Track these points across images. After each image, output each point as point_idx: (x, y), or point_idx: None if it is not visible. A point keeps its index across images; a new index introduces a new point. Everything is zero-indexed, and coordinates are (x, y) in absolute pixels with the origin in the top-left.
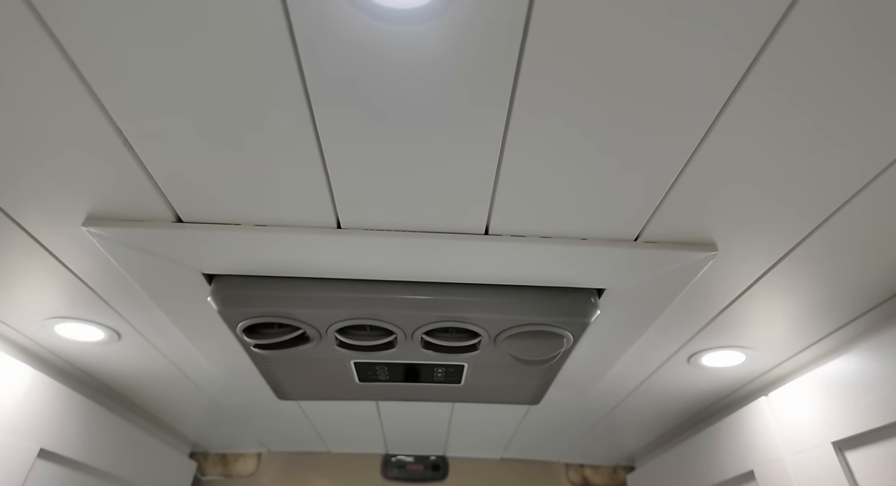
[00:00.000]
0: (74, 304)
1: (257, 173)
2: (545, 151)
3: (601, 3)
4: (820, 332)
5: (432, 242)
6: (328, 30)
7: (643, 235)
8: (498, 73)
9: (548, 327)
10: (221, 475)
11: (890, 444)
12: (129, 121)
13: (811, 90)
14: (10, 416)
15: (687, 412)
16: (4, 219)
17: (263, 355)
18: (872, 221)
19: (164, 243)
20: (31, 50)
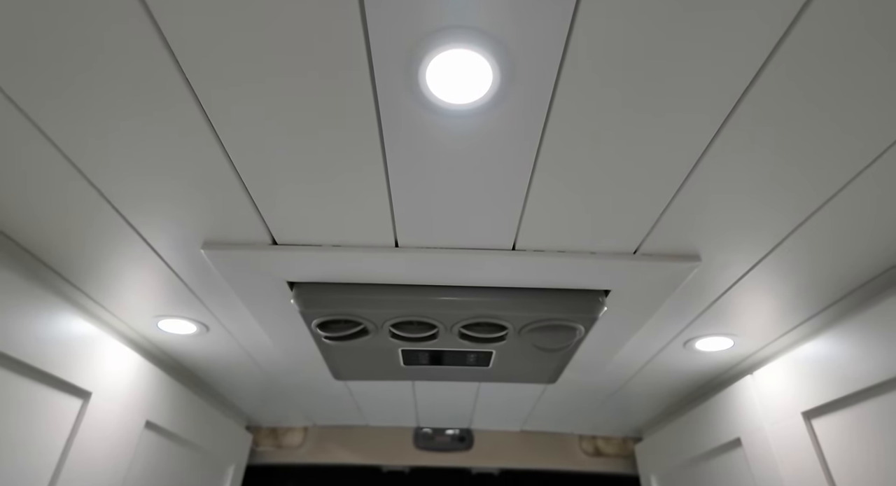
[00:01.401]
0: (177, 304)
1: (337, 208)
2: (560, 194)
3: (600, 112)
4: (795, 320)
5: (469, 256)
6: (410, 115)
7: (640, 250)
8: (517, 161)
9: (563, 321)
10: (272, 447)
11: (846, 412)
12: (255, 180)
13: (793, 123)
14: (125, 395)
15: (685, 390)
16: (141, 242)
17: (330, 345)
18: (838, 226)
19: (261, 261)
20: (178, 109)
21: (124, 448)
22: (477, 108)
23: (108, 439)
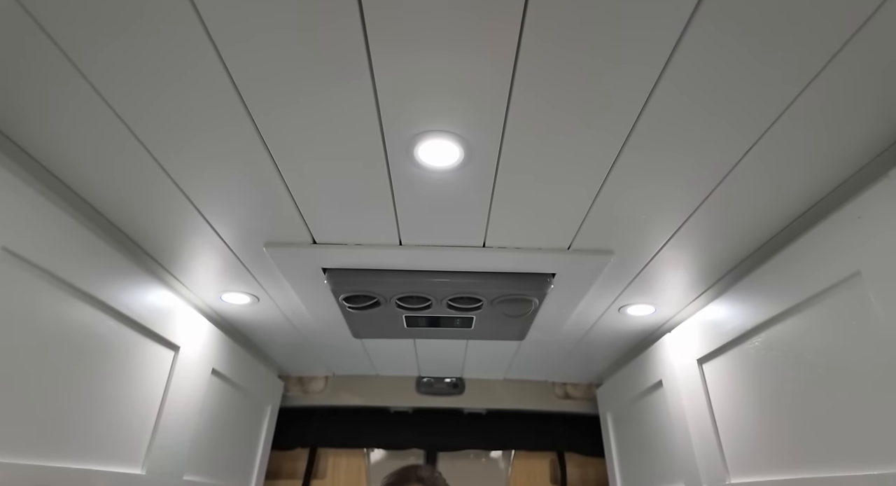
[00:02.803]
0: (237, 282)
1: (359, 221)
2: (512, 212)
3: (527, 172)
4: (696, 293)
5: (452, 251)
6: (410, 170)
7: (572, 247)
8: (481, 196)
9: (522, 296)
10: (300, 392)
11: (723, 356)
12: (305, 204)
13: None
14: (199, 349)
15: (627, 346)
16: (218, 240)
17: (352, 313)
18: (720, 215)
19: (305, 255)
20: (239, 137)
21: (200, 388)
22: (450, 169)
23: (191, 380)
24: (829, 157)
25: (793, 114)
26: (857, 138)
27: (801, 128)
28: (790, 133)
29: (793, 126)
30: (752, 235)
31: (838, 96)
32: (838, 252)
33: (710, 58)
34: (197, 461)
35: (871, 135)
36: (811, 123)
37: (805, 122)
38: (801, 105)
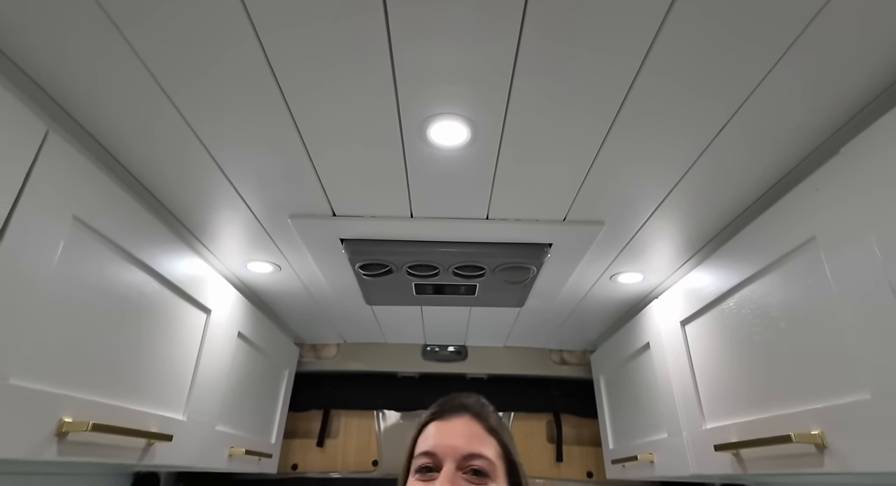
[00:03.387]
0: (262, 251)
1: (375, 195)
2: (512, 187)
3: (528, 151)
4: (680, 262)
5: (458, 223)
6: (423, 150)
7: (567, 219)
8: (485, 172)
9: (521, 264)
10: (313, 358)
11: (702, 318)
12: (328, 178)
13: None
14: (226, 313)
15: (619, 313)
16: (249, 214)
17: (367, 280)
18: (700, 188)
19: (325, 226)
20: (272, 116)
21: (228, 349)
22: (458, 147)
23: (220, 341)
24: (796, 133)
25: (765, 89)
26: (815, 118)
27: (771, 105)
28: (759, 112)
29: (763, 103)
30: (729, 206)
31: (797, 81)
32: (798, 220)
33: (690, 38)
34: (227, 414)
35: (828, 116)
36: (779, 102)
37: (773, 100)
38: (771, 82)
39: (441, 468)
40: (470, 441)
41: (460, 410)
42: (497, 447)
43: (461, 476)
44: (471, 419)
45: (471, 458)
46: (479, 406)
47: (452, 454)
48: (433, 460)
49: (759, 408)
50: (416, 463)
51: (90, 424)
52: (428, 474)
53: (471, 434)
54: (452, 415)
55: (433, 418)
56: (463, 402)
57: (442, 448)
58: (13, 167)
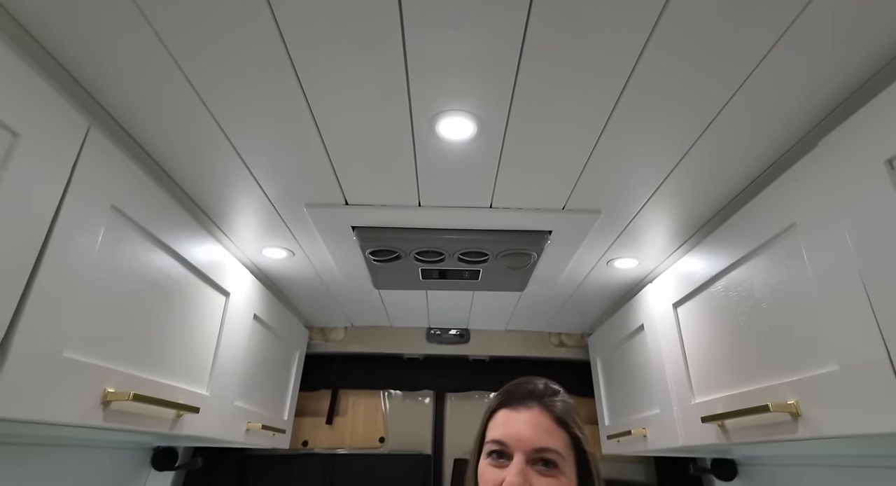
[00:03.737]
0: (277, 238)
1: (385, 185)
2: (515, 178)
3: (531, 144)
4: (672, 248)
5: (463, 212)
6: (431, 144)
7: (566, 207)
8: (490, 164)
9: (523, 250)
10: (322, 340)
11: (693, 300)
12: (342, 170)
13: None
14: (243, 296)
15: (614, 297)
16: (267, 203)
17: (376, 265)
18: (691, 178)
19: (338, 214)
20: (296, 117)
21: (245, 330)
22: (464, 141)
23: (238, 322)
24: (781, 125)
25: (757, 76)
26: (802, 109)
27: (761, 96)
28: (751, 102)
29: (752, 95)
30: (718, 195)
31: (793, 64)
32: (780, 208)
33: (692, 19)
34: (244, 391)
35: (808, 113)
36: (767, 93)
37: (764, 88)
38: (766, 67)
39: (512, 456)
40: (539, 434)
41: (529, 398)
42: (566, 438)
43: (531, 468)
44: (540, 411)
45: (540, 451)
46: (547, 395)
47: (522, 447)
48: (503, 448)
49: (743, 382)
50: (487, 448)
51: (131, 394)
52: (499, 459)
53: (539, 427)
54: (521, 405)
55: (502, 404)
56: (531, 390)
57: (512, 440)
58: (61, 160)
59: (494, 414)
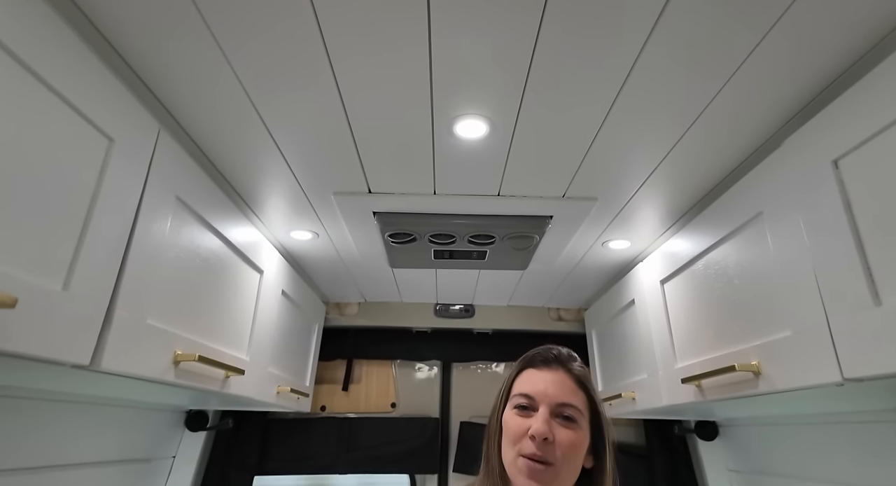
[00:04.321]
0: (304, 221)
1: (405, 177)
2: (521, 170)
3: (535, 142)
4: (662, 229)
5: (474, 199)
6: (449, 141)
7: (566, 195)
8: (499, 157)
9: (526, 233)
10: (337, 315)
11: (679, 277)
12: (369, 162)
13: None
14: (273, 273)
15: (609, 274)
16: (299, 191)
17: (394, 246)
18: (678, 167)
19: (362, 201)
20: (331, 117)
21: (275, 304)
22: (478, 139)
23: (270, 297)
24: (754, 124)
25: (733, 83)
26: (771, 116)
27: (737, 99)
28: (728, 104)
29: (730, 96)
30: (701, 184)
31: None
32: (751, 198)
33: (681, 28)
34: (275, 358)
35: (779, 114)
36: (743, 96)
37: (737, 96)
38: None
39: (537, 409)
40: (563, 392)
41: (554, 362)
42: (584, 398)
43: (554, 420)
44: (564, 373)
45: (563, 406)
46: (570, 361)
47: (547, 401)
48: (529, 401)
49: (717, 347)
50: (514, 401)
51: (197, 356)
52: (525, 411)
53: (563, 386)
54: (546, 366)
55: (529, 364)
56: (556, 354)
57: (539, 394)
58: (142, 159)
59: (521, 373)
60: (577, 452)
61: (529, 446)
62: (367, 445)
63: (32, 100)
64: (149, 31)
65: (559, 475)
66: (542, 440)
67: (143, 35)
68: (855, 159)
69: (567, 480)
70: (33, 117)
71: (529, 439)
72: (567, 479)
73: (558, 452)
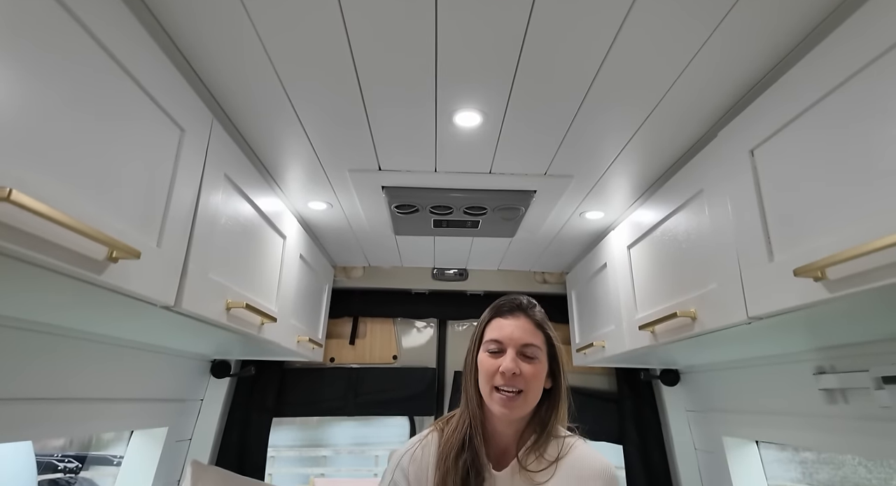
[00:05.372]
0: (321, 193)
1: (410, 155)
2: (510, 151)
3: (522, 129)
4: (631, 201)
5: (469, 176)
6: (449, 129)
7: (547, 173)
8: (491, 141)
9: (514, 205)
10: (344, 277)
11: (642, 243)
12: (380, 143)
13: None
14: (293, 239)
15: (586, 241)
16: (319, 167)
17: (399, 216)
18: (642, 148)
19: (373, 177)
20: (351, 108)
21: (295, 266)
22: (473, 127)
23: (291, 259)
24: (702, 117)
25: (687, 74)
26: (712, 110)
27: (687, 92)
28: (680, 95)
29: (684, 86)
30: (659, 165)
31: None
32: (696, 177)
33: (650, 22)
34: (296, 313)
35: (723, 102)
36: (692, 90)
37: (688, 87)
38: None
39: (505, 351)
40: (525, 334)
41: (517, 310)
42: (543, 337)
43: (519, 358)
44: (525, 319)
45: (526, 346)
46: (530, 308)
47: (513, 344)
48: (499, 345)
49: (667, 300)
50: (486, 346)
51: (245, 303)
52: (496, 354)
53: (525, 329)
54: (510, 314)
55: (497, 314)
56: (517, 303)
57: (506, 338)
58: (202, 144)
59: (491, 321)
60: (539, 379)
61: (501, 379)
62: (371, 391)
63: (130, 99)
64: (204, 30)
65: (527, 399)
66: (511, 375)
67: (200, 35)
68: (764, 150)
69: (533, 401)
70: (134, 114)
71: (501, 375)
72: (533, 400)
73: (524, 382)
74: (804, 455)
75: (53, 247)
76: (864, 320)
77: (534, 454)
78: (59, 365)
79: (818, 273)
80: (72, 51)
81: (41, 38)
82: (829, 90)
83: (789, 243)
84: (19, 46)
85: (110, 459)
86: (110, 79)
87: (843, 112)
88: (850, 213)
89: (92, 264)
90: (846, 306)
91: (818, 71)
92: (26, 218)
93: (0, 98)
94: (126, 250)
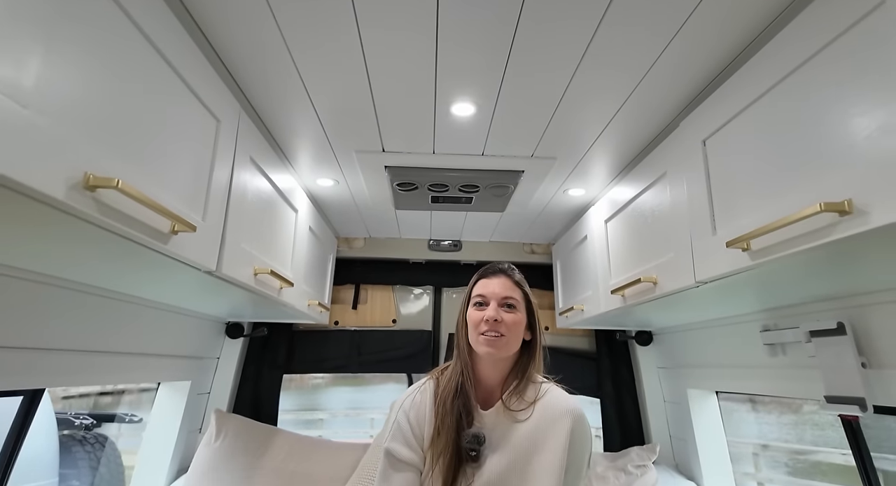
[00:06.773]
0: (329, 171)
1: (411, 138)
2: (500, 136)
3: (512, 117)
4: (609, 180)
5: (464, 157)
6: (446, 117)
7: (534, 155)
8: (482, 127)
9: (504, 184)
10: (346, 248)
11: (618, 217)
12: (385, 128)
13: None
14: (304, 213)
15: (570, 216)
16: (328, 147)
17: (400, 193)
18: (619, 131)
19: (377, 158)
20: (360, 99)
21: (305, 237)
22: (468, 116)
23: (302, 231)
24: (667, 107)
25: (654, 71)
26: (676, 102)
27: (655, 84)
28: (651, 86)
29: (653, 81)
30: (632, 148)
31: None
32: (661, 161)
33: (624, 25)
34: (307, 279)
35: (684, 95)
36: (660, 86)
37: (656, 81)
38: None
39: (489, 304)
40: (505, 289)
41: (498, 272)
42: (521, 294)
43: (500, 308)
44: (505, 278)
45: (506, 299)
46: (510, 270)
47: (495, 297)
48: (483, 299)
49: (635, 268)
50: (473, 300)
51: (270, 270)
52: (481, 307)
53: (505, 286)
54: (493, 275)
55: (483, 276)
56: (500, 267)
57: (489, 293)
58: (232, 132)
59: (477, 283)
60: (518, 327)
61: (485, 326)
62: (373, 351)
63: (178, 95)
64: (233, 27)
65: (508, 343)
66: (493, 321)
67: (229, 31)
68: (714, 140)
69: (514, 344)
70: (180, 106)
71: (485, 322)
72: (513, 345)
73: (505, 327)
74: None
75: (137, 223)
76: (794, 284)
77: (515, 396)
78: (106, 323)
79: (745, 245)
80: (128, 49)
81: (107, 39)
82: (762, 92)
83: (727, 219)
84: (96, 52)
85: (122, 416)
86: (161, 76)
87: (776, 111)
88: (772, 195)
89: (161, 236)
90: (770, 271)
91: (755, 74)
92: (123, 201)
93: (81, 93)
94: (185, 223)
